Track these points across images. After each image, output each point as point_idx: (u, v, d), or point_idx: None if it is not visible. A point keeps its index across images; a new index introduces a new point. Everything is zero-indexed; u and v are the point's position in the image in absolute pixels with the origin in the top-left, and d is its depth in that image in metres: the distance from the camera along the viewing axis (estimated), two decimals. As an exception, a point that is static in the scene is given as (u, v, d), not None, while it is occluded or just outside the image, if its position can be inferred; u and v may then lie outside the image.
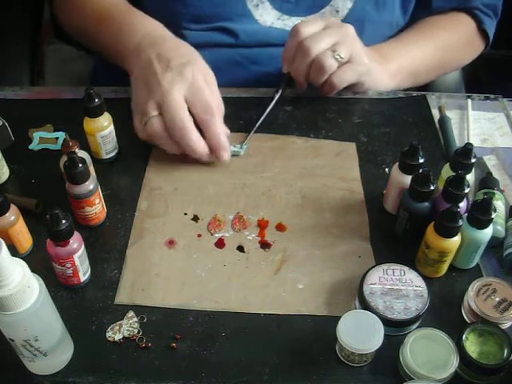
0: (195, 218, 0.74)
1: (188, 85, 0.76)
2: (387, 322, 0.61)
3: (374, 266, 0.66)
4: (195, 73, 0.77)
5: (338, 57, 0.81)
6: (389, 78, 0.91)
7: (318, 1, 0.92)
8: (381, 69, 0.89)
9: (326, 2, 0.92)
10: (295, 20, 0.92)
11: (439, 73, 1.03)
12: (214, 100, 0.77)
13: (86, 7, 0.91)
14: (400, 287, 0.64)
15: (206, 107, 0.76)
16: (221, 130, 0.77)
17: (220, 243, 0.72)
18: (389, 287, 0.64)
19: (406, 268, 0.66)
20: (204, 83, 0.77)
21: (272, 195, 0.77)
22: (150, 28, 0.85)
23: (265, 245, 0.72)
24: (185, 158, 0.79)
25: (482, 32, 1.00)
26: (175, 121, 0.74)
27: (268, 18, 0.92)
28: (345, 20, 0.92)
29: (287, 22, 0.93)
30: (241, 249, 0.71)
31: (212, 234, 0.73)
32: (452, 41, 0.98)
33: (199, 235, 0.73)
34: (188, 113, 0.75)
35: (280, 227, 0.74)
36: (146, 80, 0.78)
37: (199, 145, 0.76)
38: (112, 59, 0.89)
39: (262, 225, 0.74)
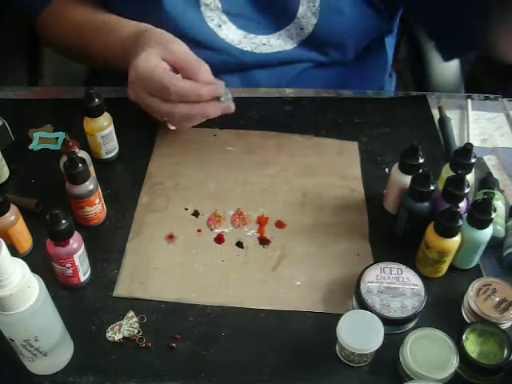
0: (195, 213, 0.75)
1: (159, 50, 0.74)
2: (384, 320, 0.61)
3: (371, 265, 0.66)
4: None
5: None
6: None
7: (280, 19, 0.88)
8: None
9: (289, 19, 0.88)
10: (262, 38, 0.89)
11: None
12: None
13: (73, 21, 0.88)
14: (397, 285, 0.64)
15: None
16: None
17: (219, 239, 0.72)
18: (386, 285, 0.64)
19: (403, 266, 0.66)
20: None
21: (272, 192, 0.77)
22: (143, 25, 0.82)
23: (264, 241, 0.72)
24: (186, 154, 0.80)
25: None
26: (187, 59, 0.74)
27: (235, 37, 0.88)
28: (311, 36, 0.88)
29: (255, 41, 0.89)
30: (240, 245, 0.72)
31: (212, 230, 0.73)
32: None
33: (199, 230, 0.73)
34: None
35: (279, 224, 0.74)
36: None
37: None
38: (108, 61, 0.87)
39: (261, 221, 0.74)
